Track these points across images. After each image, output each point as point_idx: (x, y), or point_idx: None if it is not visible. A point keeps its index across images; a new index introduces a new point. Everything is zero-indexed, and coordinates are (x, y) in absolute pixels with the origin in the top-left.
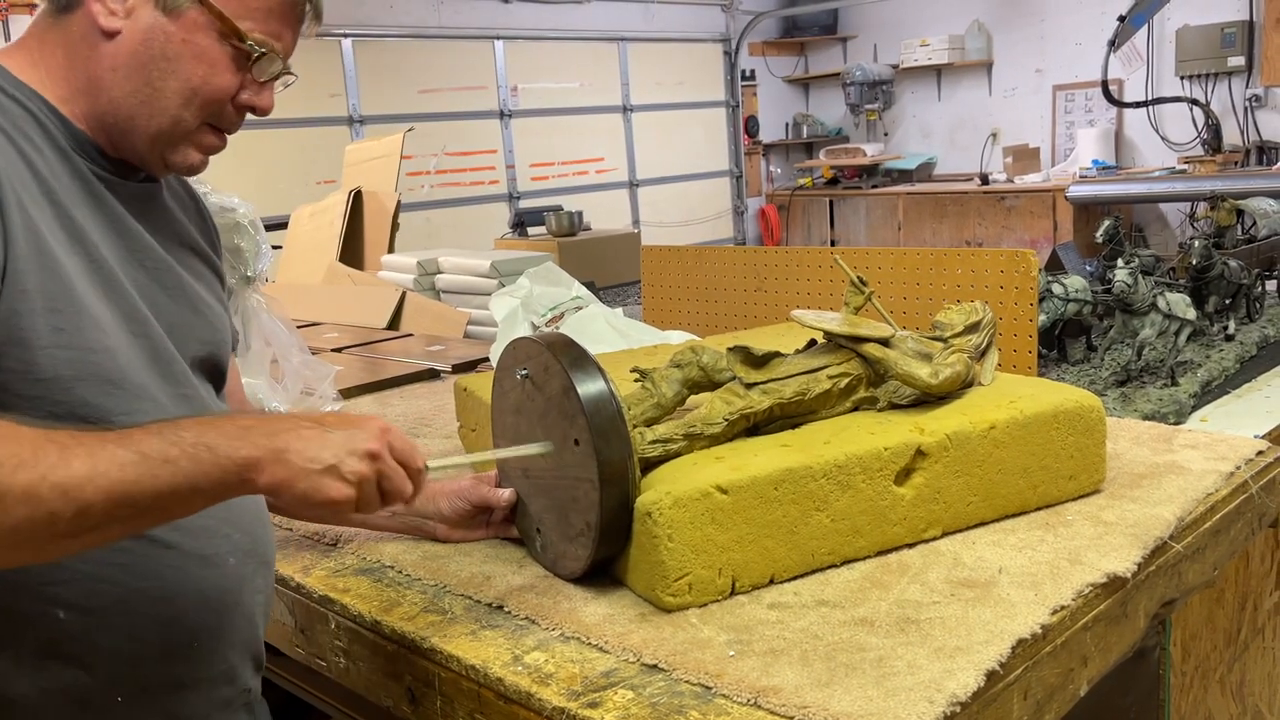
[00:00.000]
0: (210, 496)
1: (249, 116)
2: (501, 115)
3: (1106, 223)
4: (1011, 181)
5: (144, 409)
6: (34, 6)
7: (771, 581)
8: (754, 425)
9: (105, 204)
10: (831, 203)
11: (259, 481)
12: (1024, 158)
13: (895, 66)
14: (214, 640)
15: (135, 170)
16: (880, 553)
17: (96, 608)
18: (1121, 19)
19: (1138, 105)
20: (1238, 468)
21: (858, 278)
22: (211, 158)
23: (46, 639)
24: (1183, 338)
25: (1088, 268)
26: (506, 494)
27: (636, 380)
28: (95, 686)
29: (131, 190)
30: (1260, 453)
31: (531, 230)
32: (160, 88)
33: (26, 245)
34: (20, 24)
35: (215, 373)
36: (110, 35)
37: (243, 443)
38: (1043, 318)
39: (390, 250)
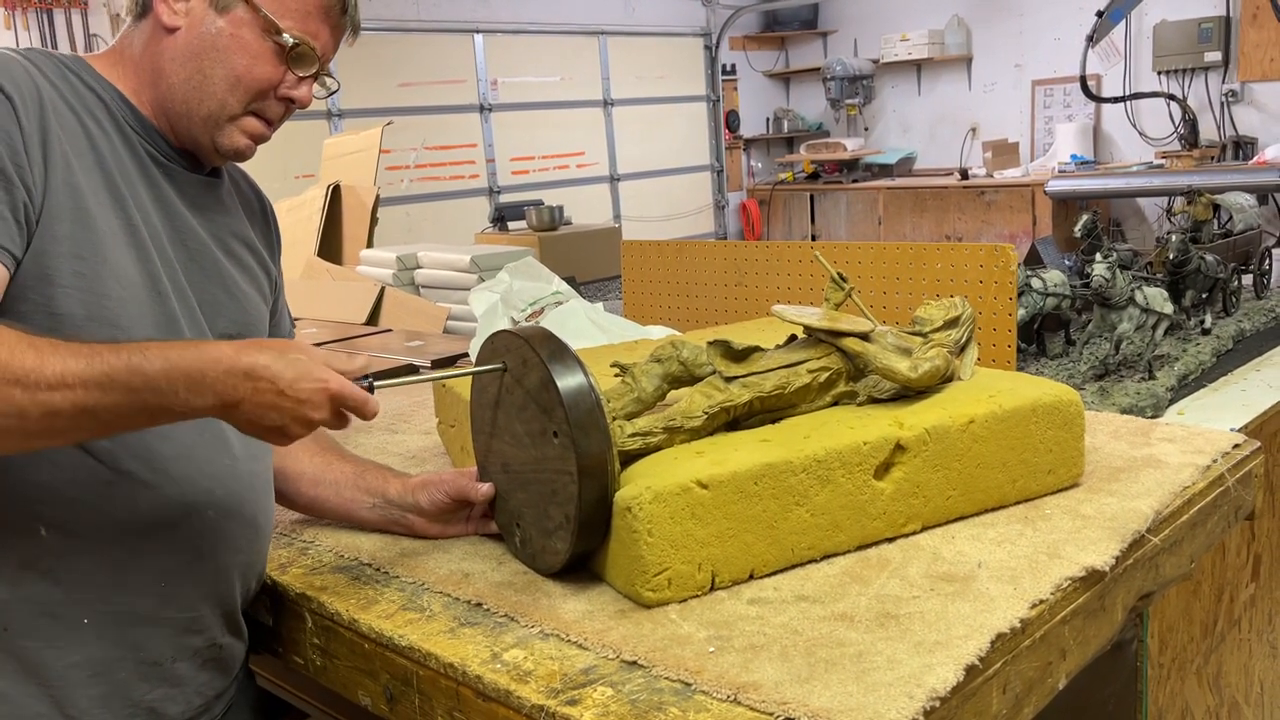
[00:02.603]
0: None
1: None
2: (481, 109)
3: (1085, 217)
4: (991, 176)
5: None
6: None
7: (751, 577)
8: (734, 419)
9: (158, 185)
10: (812, 197)
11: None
12: (1003, 153)
13: (875, 61)
14: (182, 585)
15: (200, 166)
16: (860, 547)
17: (76, 530)
18: (1100, 14)
19: (1116, 100)
20: (1214, 461)
21: (838, 274)
22: None
23: (28, 553)
24: (1160, 332)
25: (1066, 262)
26: (485, 488)
27: (617, 375)
28: (66, 603)
29: (189, 180)
30: (1236, 446)
31: (512, 225)
32: (210, 75)
33: (65, 199)
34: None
35: None
36: (171, 31)
37: (197, 398)
38: (1021, 312)
39: (369, 245)
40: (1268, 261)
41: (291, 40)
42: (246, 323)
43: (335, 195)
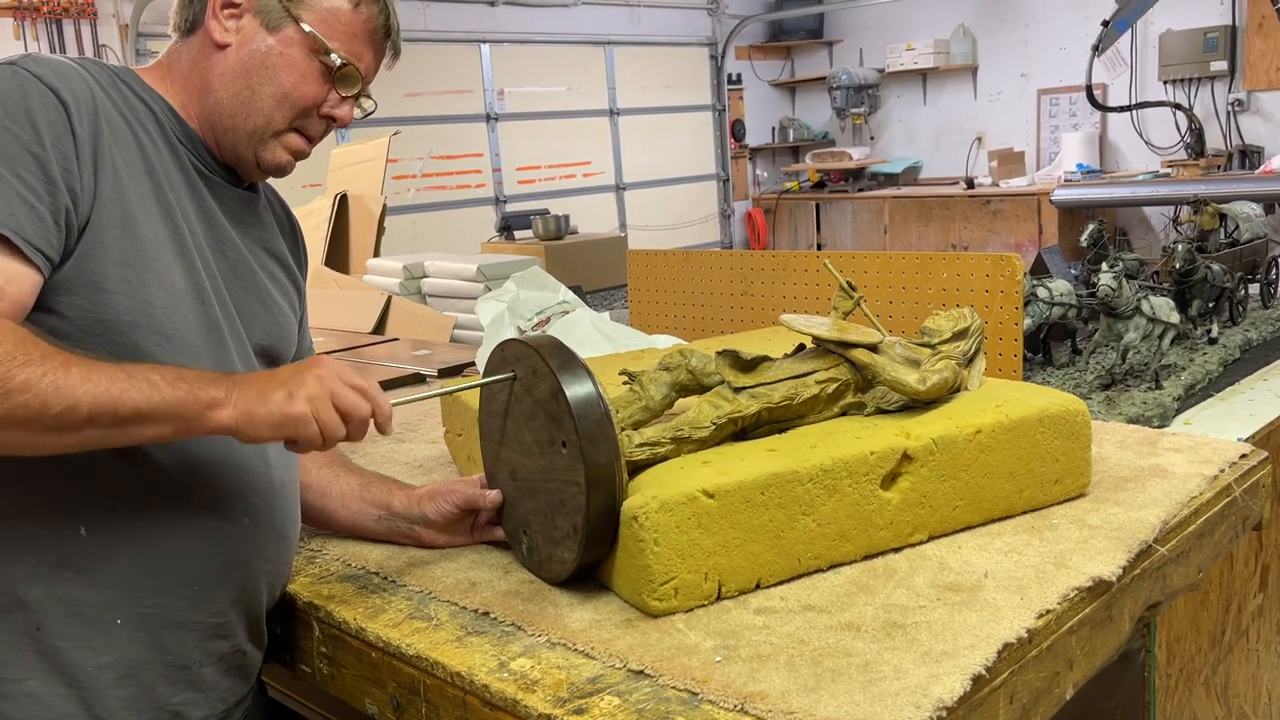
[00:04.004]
0: (182, 423)
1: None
2: (488, 119)
3: (1091, 226)
4: (996, 185)
5: (188, 364)
6: (14, 10)
7: (758, 586)
8: (741, 429)
9: (201, 196)
10: (818, 206)
11: (223, 417)
12: (1009, 161)
13: (881, 70)
14: (214, 590)
15: (239, 181)
16: (867, 557)
17: (114, 532)
18: (1105, 24)
19: (1121, 109)
20: (1221, 471)
21: (847, 283)
22: None
23: (65, 552)
24: (1166, 341)
25: (1072, 271)
26: (493, 496)
27: (625, 383)
28: (98, 604)
29: (230, 193)
30: (1244, 456)
31: (518, 234)
32: (258, 91)
33: (114, 206)
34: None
35: (274, 362)
36: (222, 47)
37: (212, 385)
38: (1028, 321)
39: (376, 254)
40: (1274, 271)
41: (339, 61)
42: (279, 334)
43: (342, 205)
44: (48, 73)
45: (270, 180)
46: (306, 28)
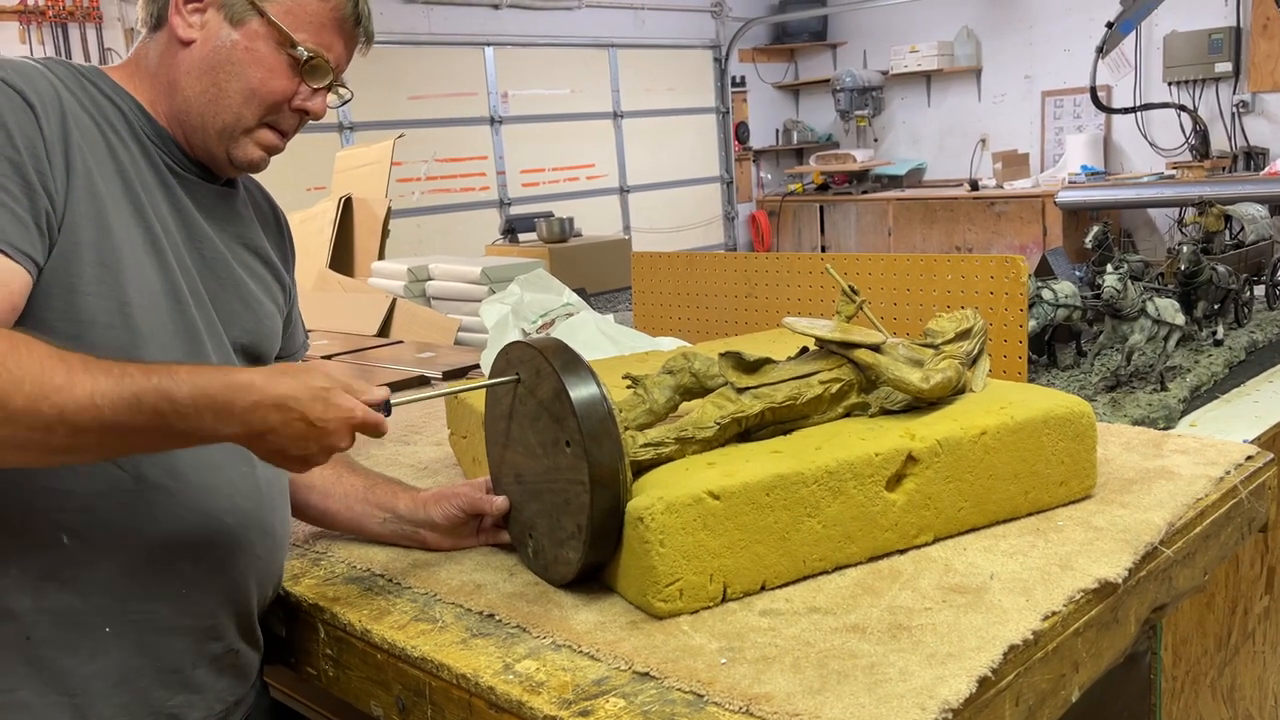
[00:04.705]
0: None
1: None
2: (492, 121)
3: (1095, 228)
4: (1001, 187)
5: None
6: (20, 14)
7: (763, 588)
8: (746, 430)
9: (175, 194)
10: (822, 208)
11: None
12: (1013, 163)
13: (885, 73)
14: (202, 592)
15: (215, 176)
16: (872, 559)
17: (97, 539)
18: (1110, 25)
19: (1126, 111)
20: (1227, 473)
21: (849, 286)
22: None
23: (49, 562)
24: (1172, 343)
25: (1077, 273)
26: (499, 500)
27: (629, 386)
28: (86, 612)
29: (205, 189)
30: (1249, 458)
31: (522, 236)
32: (225, 88)
33: (86, 206)
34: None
35: (257, 361)
36: (187, 44)
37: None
38: (1032, 323)
39: (380, 257)
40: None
41: (306, 53)
42: (261, 332)
43: (347, 207)
44: (11, 74)
45: (265, 175)
46: (272, 19)
